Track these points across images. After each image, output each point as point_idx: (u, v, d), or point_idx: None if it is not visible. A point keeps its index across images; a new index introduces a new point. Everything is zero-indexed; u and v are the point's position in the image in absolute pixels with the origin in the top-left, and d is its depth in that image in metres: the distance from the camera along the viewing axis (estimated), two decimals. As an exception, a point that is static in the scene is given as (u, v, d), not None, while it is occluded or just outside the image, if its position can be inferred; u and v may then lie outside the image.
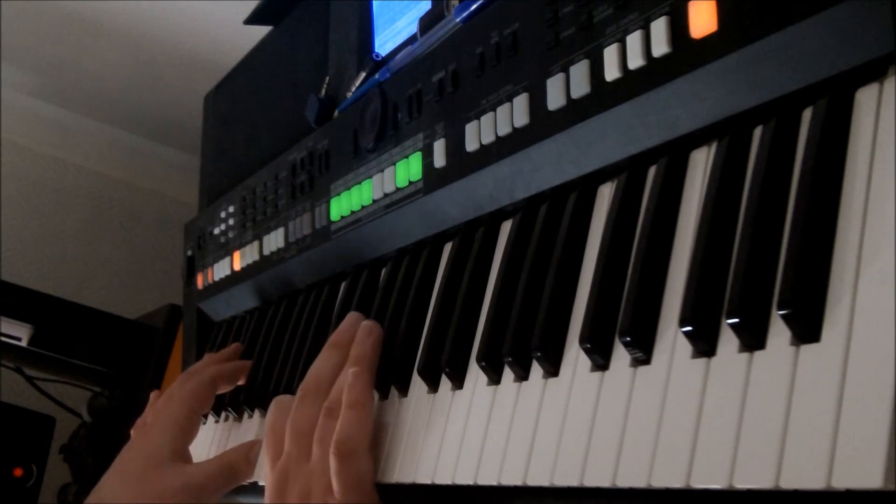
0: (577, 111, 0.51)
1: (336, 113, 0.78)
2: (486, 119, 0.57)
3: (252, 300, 0.92)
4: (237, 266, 0.91)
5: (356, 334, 0.66)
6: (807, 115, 0.42)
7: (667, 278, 0.46)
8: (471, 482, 0.52)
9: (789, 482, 0.35)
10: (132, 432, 0.79)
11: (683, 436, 0.40)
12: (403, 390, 0.62)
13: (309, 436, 0.62)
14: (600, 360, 0.47)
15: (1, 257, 1.73)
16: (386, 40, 0.77)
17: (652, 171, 0.50)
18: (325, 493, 0.59)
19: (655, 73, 0.46)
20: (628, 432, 0.44)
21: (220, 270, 0.95)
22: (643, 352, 0.45)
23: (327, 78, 0.82)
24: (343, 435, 0.58)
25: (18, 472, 1.39)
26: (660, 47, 0.45)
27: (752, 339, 0.39)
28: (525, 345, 0.52)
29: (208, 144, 1.10)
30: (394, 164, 0.66)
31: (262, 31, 1.00)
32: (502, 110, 0.56)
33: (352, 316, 0.69)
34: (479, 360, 0.55)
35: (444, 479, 0.54)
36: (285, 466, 0.62)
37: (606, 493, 0.44)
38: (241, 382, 0.85)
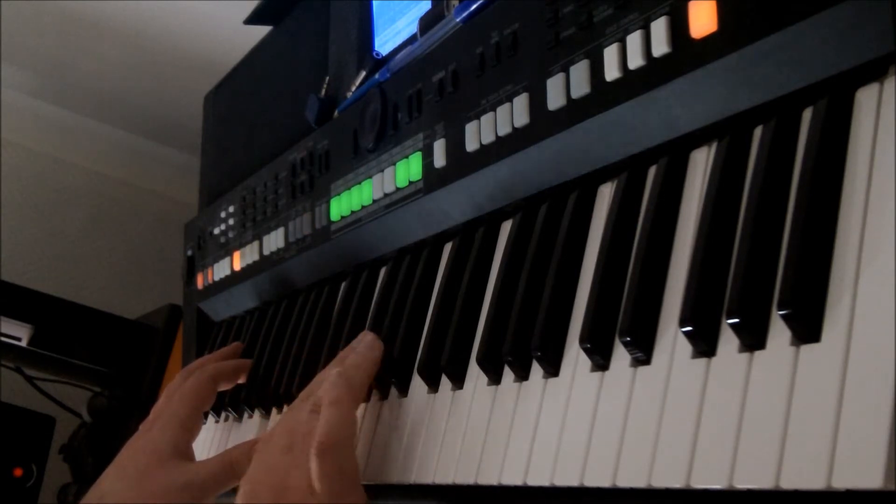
0: (577, 111, 0.51)
1: (336, 113, 0.78)
2: (486, 119, 0.57)
3: (252, 300, 0.92)
4: (237, 266, 0.91)
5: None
6: (807, 115, 0.42)
7: (667, 278, 0.46)
8: (471, 482, 0.52)
9: (789, 482, 0.35)
10: (140, 427, 0.79)
11: (683, 436, 0.40)
12: (403, 390, 0.62)
13: (293, 433, 0.59)
14: (600, 360, 0.47)
15: (1, 257, 1.73)
16: (386, 40, 0.77)
17: (652, 171, 0.50)
18: (305, 494, 0.55)
19: (655, 73, 0.46)
20: (628, 432, 0.44)
21: (220, 270, 0.95)
22: (643, 352, 0.45)
23: (327, 78, 0.82)
24: (323, 432, 0.56)
25: (18, 472, 1.39)
26: (660, 47, 0.45)
27: (753, 339, 0.39)
28: (525, 345, 0.52)
29: (208, 144, 1.10)
30: (394, 164, 0.66)
31: (262, 31, 1.00)
32: (502, 110, 0.56)
33: (366, 334, 0.67)
34: (479, 360, 0.55)
35: (444, 478, 0.54)
36: (266, 461, 0.59)
37: (606, 493, 0.44)
38: (241, 381, 0.85)
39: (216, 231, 0.97)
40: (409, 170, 0.65)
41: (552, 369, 0.50)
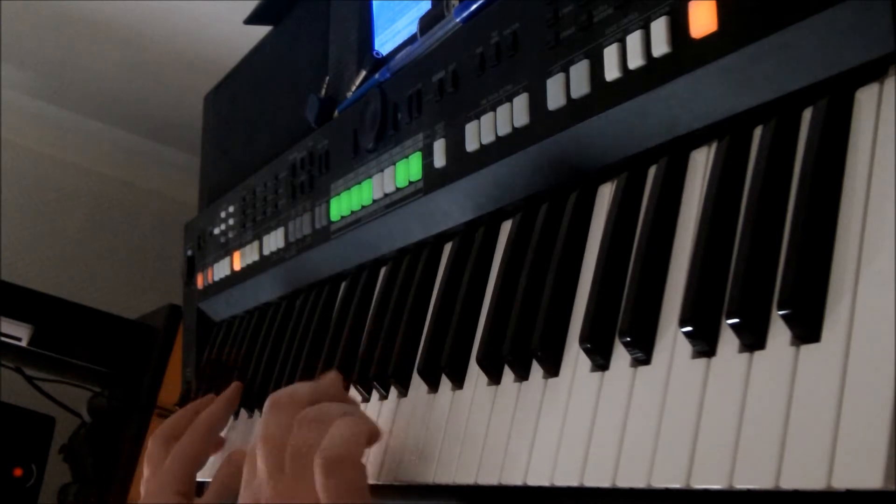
0: (577, 111, 0.51)
1: (336, 113, 0.78)
2: (486, 119, 0.57)
3: (252, 300, 0.92)
4: (237, 266, 0.91)
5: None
6: (807, 115, 0.42)
7: (667, 278, 0.46)
8: (471, 482, 0.52)
9: (789, 482, 0.35)
10: None
11: (683, 436, 0.40)
12: (403, 391, 0.62)
13: (282, 448, 0.54)
14: (600, 360, 0.47)
15: (1, 257, 1.73)
16: (386, 40, 0.77)
17: (652, 171, 0.50)
18: None
19: (655, 73, 0.46)
20: (628, 432, 0.44)
21: (220, 270, 0.94)
22: (643, 352, 0.45)
23: (327, 78, 0.82)
24: (329, 442, 0.52)
25: (18, 472, 1.39)
26: (660, 47, 0.45)
27: (753, 340, 0.39)
28: (525, 345, 0.52)
29: (208, 144, 1.10)
30: (394, 164, 0.66)
31: (262, 31, 1.00)
32: (502, 110, 0.56)
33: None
34: (479, 360, 0.55)
35: (444, 479, 0.54)
36: (257, 486, 0.55)
37: (606, 493, 0.44)
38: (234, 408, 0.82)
39: (216, 231, 0.97)
40: (409, 170, 0.64)
41: (552, 369, 0.50)
